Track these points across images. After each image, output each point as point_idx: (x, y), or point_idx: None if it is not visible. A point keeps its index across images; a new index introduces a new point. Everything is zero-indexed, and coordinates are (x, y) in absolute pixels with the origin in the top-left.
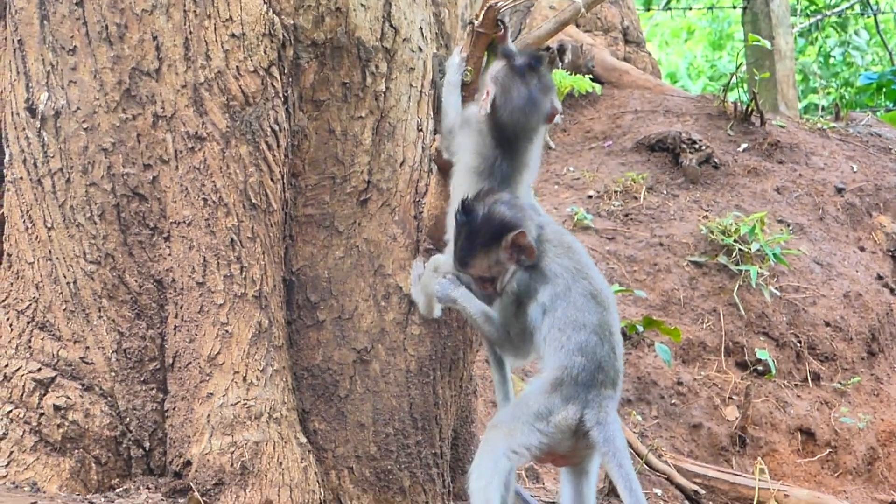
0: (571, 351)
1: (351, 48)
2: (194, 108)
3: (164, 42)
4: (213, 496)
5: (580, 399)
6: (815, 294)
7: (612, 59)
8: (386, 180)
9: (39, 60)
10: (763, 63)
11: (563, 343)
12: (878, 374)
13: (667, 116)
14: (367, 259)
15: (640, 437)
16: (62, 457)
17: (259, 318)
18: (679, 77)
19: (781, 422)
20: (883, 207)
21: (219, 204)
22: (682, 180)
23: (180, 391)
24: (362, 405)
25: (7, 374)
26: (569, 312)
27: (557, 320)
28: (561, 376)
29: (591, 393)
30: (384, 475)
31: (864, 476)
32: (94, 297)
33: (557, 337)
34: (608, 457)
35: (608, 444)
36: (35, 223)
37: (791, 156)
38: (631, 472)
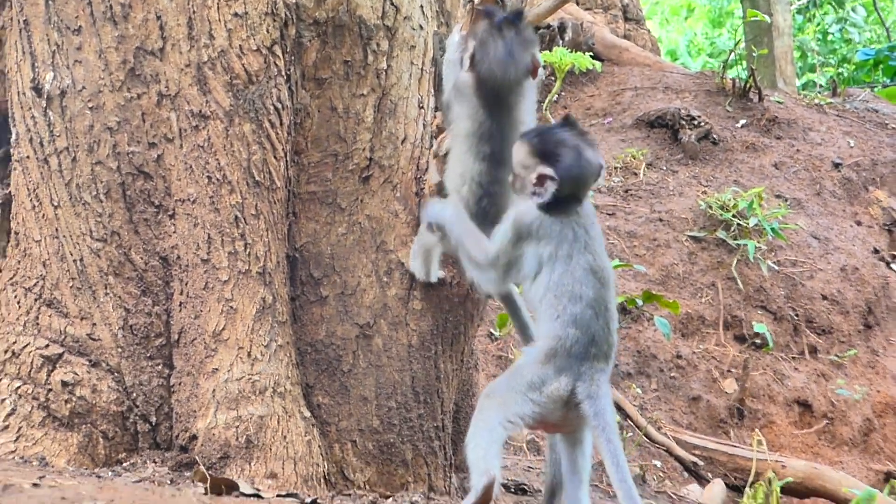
0: (566, 322)
1: (352, 26)
2: (198, 86)
3: (168, 21)
4: (218, 469)
5: (573, 371)
6: (812, 268)
7: (612, 36)
8: (388, 157)
9: (45, 40)
10: (762, 40)
11: (558, 313)
12: (874, 347)
13: (666, 93)
14: (370, 235)
15: (640, 410)
16: (70, 432)
17: (263, 295)
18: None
19: (779, 394)
20: (879, 182)
21: (223, 181)
22: (681, 156)
23: (186, 367)
24: (365, 379)
25: (15, 351)
26: (566, 280)
27: (554, 285)
28: (555, 346)
29: (583, 365)
30: (387, 448)
31: (861, 447)
32: (101, 275)
33: (553, 304)
34: (597, 430)
35: (598, 418)
36: (42, 202)
37: (789, 131)
38: (619, 446)
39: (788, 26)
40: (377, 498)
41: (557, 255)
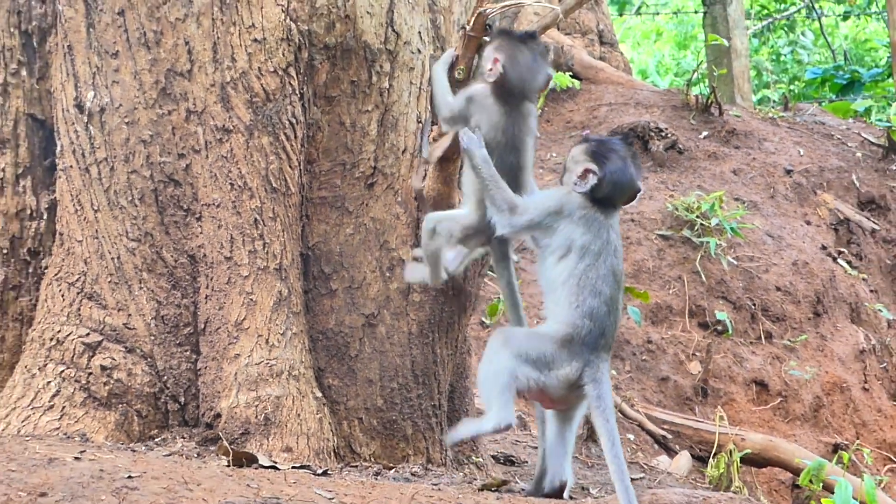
0: (583, 313)
1: (358, 50)
2: (222, 104)
3: (195, 46)
4: (240, 444)
5: (583, 358)
6: (767, 262)
7: (589, 58)
8: (390, 166)
9: (86, 63)
10: (721, 61)
11: (578, 303)
12: (822, 333)
13: (637, 108)
14: (374, 235)
15: (615, 390)
16: (108, 411)
17: (279, 288)
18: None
19: (738, 375)
20: (826, 186)
21: (244, 188)
22: (650, 164)
23: (211, 352)
24: (370, 363)
25: (59, 339)
26: (591, 274)
27: (579, 274)
28: (572, 334)
29: (592, 354)
30: (390, 425)
31: (811, 421)
32: (136, 271)
33: (575, 293)
34: (597, 411)
35: (600, 401)
36: (83, 206)
37: (746, 142)
38: (614, 427)
39: (745, 49)
40: (381, 469)
41: (590, 248)
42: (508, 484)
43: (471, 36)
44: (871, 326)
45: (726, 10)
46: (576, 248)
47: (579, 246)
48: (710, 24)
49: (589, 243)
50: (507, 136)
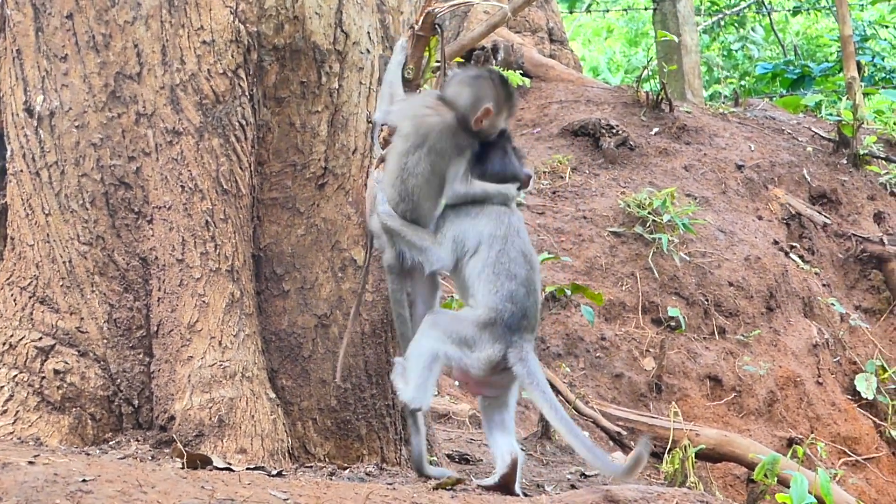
0: (503, 297)
1: (308, 51)
2: (171, 106)
3: (144, 49)
4: (194, 446)
5: (505, 340)
6: (719, 258)
7: (539, 56)
8: (340, 166)
9: (35, 67)
10: (672, 57)
11: (497, 288)
12: (775, 327)
13: (588, 105)
14: (326, 236)
15: (570, 387)
16: (62, 415)
17: (232, 290)
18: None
19: (692, 370)
20: (777, 181)
21: (195, 190)
22: (602, 161)
23: (164, 355)
24: (323, 364)
25: (12, 343)
26: (503, 260)
27: (491, 262)
28: (494, 317)
29: (514, 335)
30: (344, 425)
31: (766, 416)
32: (88, 274)
33: (493, 280)
34: (531, 387)
35: (531, 377)
36: (34, 210)
37: (697, 137)
38: (552, 396)
39: (695, 45)
40: (336, 469)
41: (496, 234)
42: (463, 482)
43: (419, 35)
44: (824, 321)
45: (676, 7)
46: (484, 240)
47: (487, 236)
48: (659, 21)
49: (493, 231)
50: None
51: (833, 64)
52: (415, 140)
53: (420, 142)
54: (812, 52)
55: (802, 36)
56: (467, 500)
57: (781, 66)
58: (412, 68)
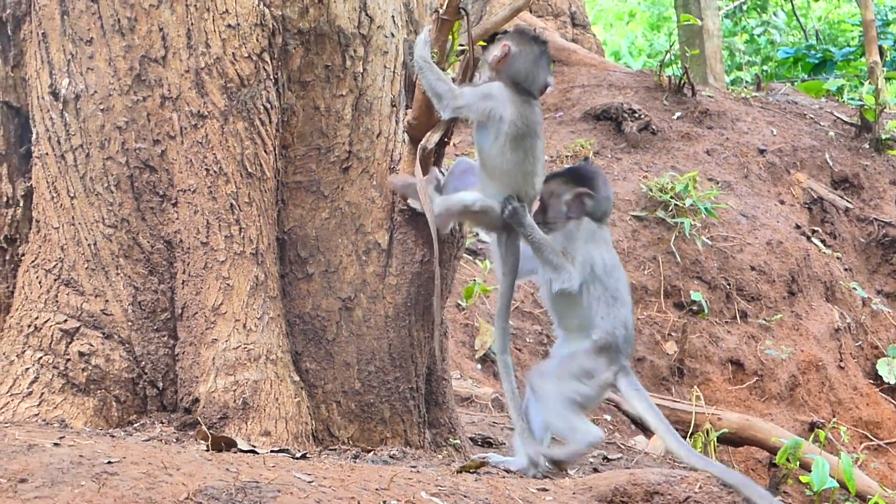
0: (618, 322)
1: (332, 35)
2: (196, 89)
3: (169, 32)
4: (218, 429)
5: (617, 362)
6: (741, 242)
7: (562, 40)
8: (364, 150)
9: (61, 50)
10: (694, 42)
11: (613, 314)
12: (797, 311)
13: (610, 90)
14: (350, 219)
15: None
16: (86, 397)
17: (256, 273)
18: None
19: (714, 354)
20: (799, 165)
21: (219, 173)
22: (624, 145)
23: (188, 338)
24: (347, 347)
25: (37, 326)
26: (618, 286)
27: (612, 288)
28: (609, 342)
29: (622, 356)
30: (367, 408)
31: (787, 400)
32: (112, 257)
33: (611, 305)
34: (640, 401)
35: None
36: (59, 193)
37: (719, 122)
38: (657, 409)
39: (717, 29)
40: (359, 452)
41: (607, 264)
42: (486, 465)
43: (444, 19)
44: (846, 305)
45: None
46: (607, 267)
47: (609, 264)
48: (682, 5)
49: (612, 259)
50: (529, 123)
51: (855, 49)
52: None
53: (534, 137)
54: (834, 37)
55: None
56: (491, 483)
57: (803, 50)
58: (436, 52)
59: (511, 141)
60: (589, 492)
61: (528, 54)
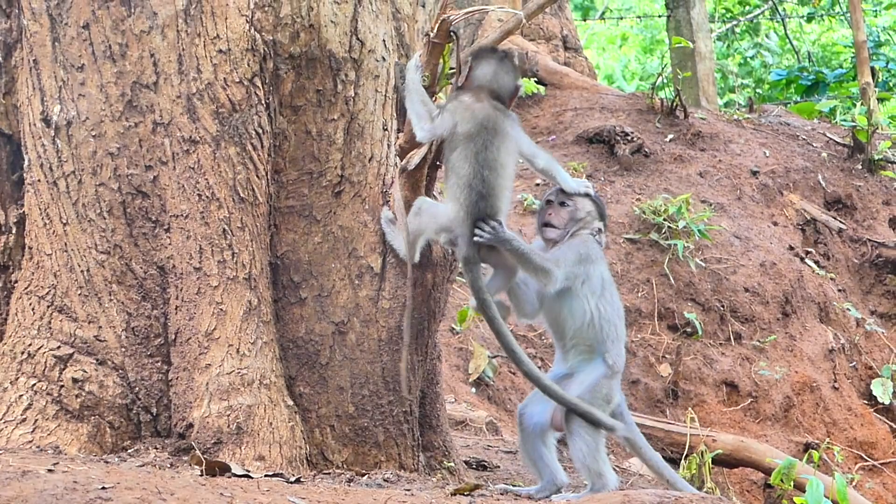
0: (623, 343)
1: (323, 59)
2: (188, 115)
3: (161, 58)
4: (212, 454)
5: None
6: (735, 264)
7: (554, 63)
8: (357, 174)
9: (52, 77)
10: (686, 64)
11: (619, 334)
12: (791, 333)
13: (602, 113)
14: (342, 243)
15: None
16: (80, 423)
17: (249, 298)
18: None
19: (708, 376)
20: (792, 187)
21: (212, 199)
22: (617, 168)
23: (182, 363)
24: (341, 371)
25: (31, 352)
26: (616, 305)
27: (609, 307)
28: (619, 365)
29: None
30: (361, 431)
31: (782, 421)
32: (105, 283)
33: (617, 325)
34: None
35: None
36: (52, 219)
37: (711, 144)
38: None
39: (710, 51)
40: (353, 476)
41: (605, 279)
42: (481, 488)
43: (435, 42)
44: (840, 326)
45: (690, 14)
46: (607, 285)
47: (609, 281)
48: (673, 28)
49: (608, 275)
50: (488, 126)
51: (847, 70)
52: (484, 134)
53: (490, 133)
54: (827, 60)
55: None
56: None
57: (796, 72)
58: (428, 75)
59: (462, 142)
60: None
61: (486, 63)
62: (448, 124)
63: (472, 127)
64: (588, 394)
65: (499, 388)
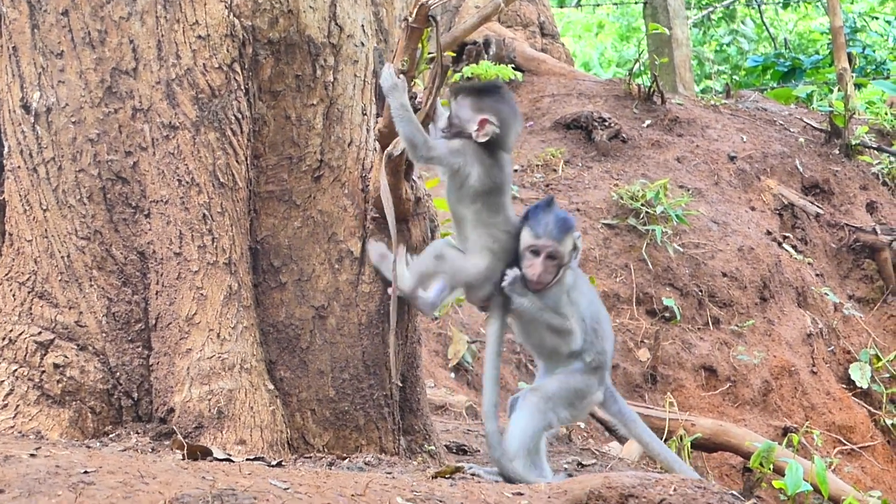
0: (605, 339)
1: (302, 45)
2: (168, 101)
3: (140, 44)
4: (194, 438)
5: (603, 380)
6: (713, 249)
7: (531, 50)
8: (336, 159)
9: (32, 64)
10: (663, 50)
11: (599, 333)
12: (769, 317)
13: (580, 99)
14: (322, 228)
15: None
16: (62, 408)
17: (229, 283)
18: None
19: (687, 361)
20: (770, 172)
21: (191, 184)
22: (594, 154)
23: (163, 348)
24: (321, 355)
25: (12, 338)
26: (595, 307)
27: (587, 310)
28: (599, 361)
29: (606, 374)
30: (342, 415)
31: (761, 406)
32: (86, 269)
33: (596, 328)
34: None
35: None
36: (32, 206)
37: (689, 129)
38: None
39: (686, 38)
40: (335, 459)
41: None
42: (462, 471)
43: (413, 27)
44: (818, 310)
45: (666, 1)
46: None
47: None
48: (650, 15)
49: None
50: (496, 180)
51: (823, 56)
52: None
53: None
54: (804, 47)
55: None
56: (467, 488)
57: (772, 58)
58: (406, 60)
59: (475, 195)
60: (564, 496)
61: (506, 122)
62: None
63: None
64: (560, 386)
65: (478, 374)
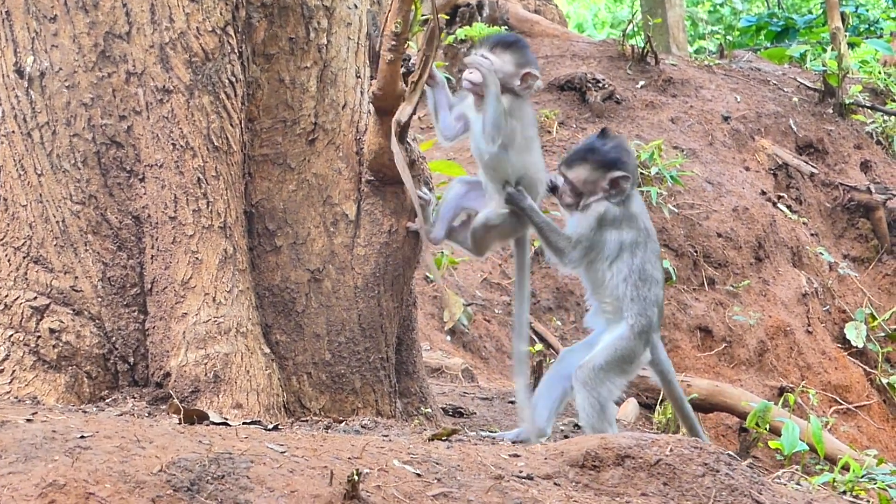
0: (651, 303)
1: (295, 7)
2: (161, 64)
3: (133, 8)
4: (190, 402)
5: (651, 340)
6: (707, 209)
7: (524, 11)
8: (330, 122)
9: (25, 28)
10: (656, 11)
11: (645, 295)
12: (764, 277)
13: (574, 60)
14: (317, 191)
15: (561, 340)
16: (58, 373)
17: (224, 246)
18: (586, 27)
19: (683, 321)
20: (764, 132)
21: (186, 148)
22: (588, 115)
23: (158, 312)
24: (317, 318)
25: (7, 304)
26: (647, 266)
27: (636, 269)
28: (645, 325)
29: (655, 335)
30: (338, 378)
31: (756, 366)
32: (81, 233)
33: (640, 286)
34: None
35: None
36: (27, 170)
37: (683, 90)
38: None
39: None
40: (331, 423)
41: (638, 241)
42: (458, 433)
43: None
44: (813, 270)
45: None
46: (626, 248)
47: (629, 244)
48: None
49: (636, 237)
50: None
51: (817, 16)
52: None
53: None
54: (797, 6)
55: None
56: (463, 450)
57: (766, 18)
58: (400, 22)
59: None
60: (560, 457)
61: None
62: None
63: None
64: (608, 356)
65: (473, 336)
